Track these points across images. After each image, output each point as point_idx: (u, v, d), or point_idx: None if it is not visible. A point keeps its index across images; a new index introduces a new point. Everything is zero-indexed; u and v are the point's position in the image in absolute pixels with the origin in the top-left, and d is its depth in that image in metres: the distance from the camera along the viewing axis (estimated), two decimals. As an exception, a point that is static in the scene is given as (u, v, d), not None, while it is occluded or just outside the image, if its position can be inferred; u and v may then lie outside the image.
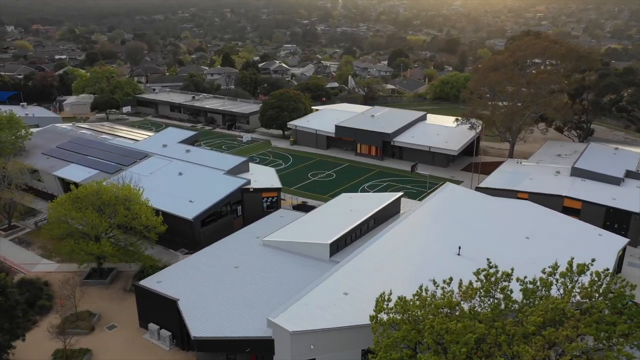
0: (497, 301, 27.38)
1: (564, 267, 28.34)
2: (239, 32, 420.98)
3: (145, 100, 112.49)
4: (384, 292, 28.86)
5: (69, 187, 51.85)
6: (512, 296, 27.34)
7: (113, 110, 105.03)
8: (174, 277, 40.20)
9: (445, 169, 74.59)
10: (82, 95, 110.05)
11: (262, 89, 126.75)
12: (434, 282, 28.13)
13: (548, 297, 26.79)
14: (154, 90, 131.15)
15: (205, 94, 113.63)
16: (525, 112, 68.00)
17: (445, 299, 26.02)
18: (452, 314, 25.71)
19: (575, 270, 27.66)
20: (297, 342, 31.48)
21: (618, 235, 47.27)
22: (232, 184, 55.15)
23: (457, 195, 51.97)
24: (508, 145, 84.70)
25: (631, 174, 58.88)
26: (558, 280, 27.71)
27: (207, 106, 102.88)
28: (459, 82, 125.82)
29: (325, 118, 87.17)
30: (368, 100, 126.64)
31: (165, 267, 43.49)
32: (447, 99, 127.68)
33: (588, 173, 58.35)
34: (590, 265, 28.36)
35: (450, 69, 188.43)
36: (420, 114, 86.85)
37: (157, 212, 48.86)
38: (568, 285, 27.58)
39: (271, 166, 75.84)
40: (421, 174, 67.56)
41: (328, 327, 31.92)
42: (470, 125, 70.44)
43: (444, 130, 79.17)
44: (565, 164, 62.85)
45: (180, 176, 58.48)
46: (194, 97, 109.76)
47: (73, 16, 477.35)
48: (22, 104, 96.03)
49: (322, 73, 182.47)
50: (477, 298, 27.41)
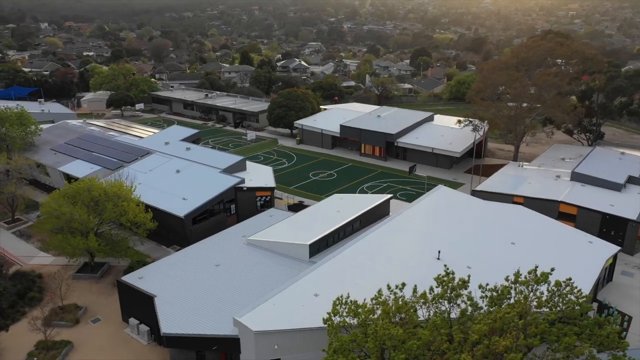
0: (454, 307, 27.26)
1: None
2: (266, 29, 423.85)
3: (160, 98, 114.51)
4: (341, 294, 28.95)
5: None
6: (467, 303, 27.14)
7: (128, 107, 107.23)
8: (156, 274, 41.03)
9: (449, 171, 73.88)
10: (100, 92, 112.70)
11: (277, 88, 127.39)
12: (388, 287, 28.08)
13: (511, 305, 26.51)
14: (171, 87, 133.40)
15: (219, 92, 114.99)
16: (529, 114, 66.77)
17: (393, 304, 25.93)
18: (403, 319, 25.64)
19: (532, 278, 27.22)
20: (261, 341, 31.84)
21: (609, 242, 46.05)
22: (226, 183, 55.85)
23: (447, 199, 51.49)
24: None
25: (634, 180, 57.30)
26: (515, 288, 27.31)
27: (218, 104, 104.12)
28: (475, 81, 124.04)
29: (332, 118, 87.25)
30: (382, 99, 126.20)
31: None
32: (463, 99, 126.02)
33: (588, 178, 57.03)
34: (550, 274, 27.92)
35: (473, 68, 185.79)
36: (428, 114, 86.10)
37: (150, 209, 50.21)
38: (529, 293, 27.20)
39: (274, 165, 76.63)
40: (419, 175, 67.04)
41: (292, 327, 32.18)
42: (474, 127, 69.48)
43: (449, 131, 78.36)
44: (567, 168, 61.55)
45: (177, 174, 59.52)
46: (206, 95, 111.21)
47: (105, 13, 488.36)
48: (40, 100, 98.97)
49: (341, 71, 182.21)
50: (432, 304, 27.30)
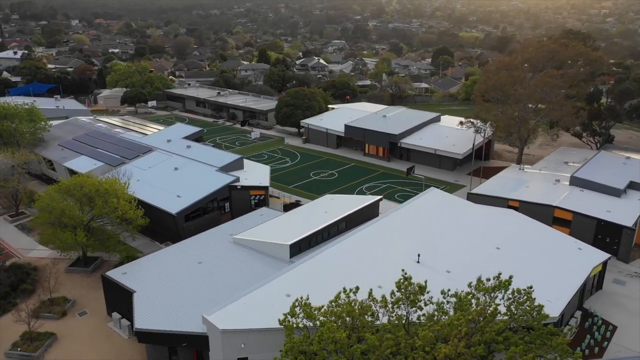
0: (412, 313, 27.20)
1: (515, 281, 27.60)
2: (291, 27, 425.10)
3: (173, 95, 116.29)
4: (301, 296, 29.14)
5: None
6: (435, 309, 27.03)
7: (142, 104, 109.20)
8: (140, 270, 41.89)
9: (451, 173, 73.15)
10: (115, 89, 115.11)
11: (291, 86, 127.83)
12: (344, 290, 28.15)
13: (464, 312, 26.31)
14: (188, 85, 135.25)
15: (231, 90, 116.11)
16: (533, 116, 65.62)
17: (344, 307, 26.02)
18: (354, 324, 25.70)
19: (490, 285, 26.95)
20: (228, 340, 32.28)
21: (600, 250, 45.12)
22: (220, 181, 56.54)
23: (438, 201, 51.07)
24: (526, 149, 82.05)
25: (635, 186, 55.80)
26: (474, 295, 27.08)
27: (229, 102, 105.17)
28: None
29: (339, 117, 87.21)
30: (396, 99, 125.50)
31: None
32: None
33: (587, 183, 55.79)
34: (510, 281, 27.62)
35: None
36: (434, 115, 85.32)
37: (145, 205, 51.42)
38: (487, 300, 26.95)
39: (277, 164, 77.22)
40: (417, 176, 66.58)
41: (259, 327, 32.51)
42: (476, 129, 68.68)
43: (454, 132, 77.46)
44: (569, 172, 60.23)
45: (175, 171, 60.48)
46: (219, 93, 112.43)
47: (135, 11, 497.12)
48: (56, 96, 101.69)
49: (360, 70, 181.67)
50: (391, 309, 27.28)
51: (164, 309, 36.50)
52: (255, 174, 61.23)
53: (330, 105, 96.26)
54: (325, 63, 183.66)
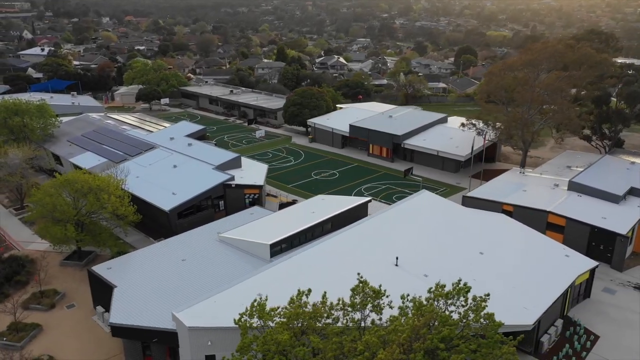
0: (367, 316, 27.24)
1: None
2: (317, 25, 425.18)
3: (188, 93, 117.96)
4: (260, 296, 29.43)
5: None
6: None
7: (156, 101, 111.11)
8: (125, 265, 42.83)
9: (454, 175, 72.38)
10: (132, 85, 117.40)
11: (307, 85, 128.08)
12: (298, 292, 28.31)
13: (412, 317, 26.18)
14: (205, 82, 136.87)
15: (244, 89, 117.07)
16: (537, 119, 64.43)
17: (293, 309, 26.20)
18: (302, 326, 25.86)
19: (445, 292, 26.75)
20: (195, 337, 32.81)
21: (588, 257, 44.12)
22: (214, 180, 57.24)
23: (427, 204, 50.66)
24: (536, 152, 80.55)
25: (636, 192, 54.25)
26: (428, 300, 26.90)
27: (240, 100, 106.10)
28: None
29: (345, 117, 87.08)
30: (410, 99, 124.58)
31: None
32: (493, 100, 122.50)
33: (586, 188, 54.49)
34: (469, 289, 27.34)
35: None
36: (441, 115, 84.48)
37: (140, 202, 52.64)
38: (442, 307, 26.78)
39: (281, 163, 77.71)
40: (415, 178, 66.10)
41: (226, 325, 32.89)
42: (478, 130, 67.76)
43: (459, 134, 76.43)
44: (570, 176, 58.90)
45: (174, 169, 61.48)
46: (231, 91, 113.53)
47: (164, 8, 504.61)
48: (73, 93, 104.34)
49: (380, 69, 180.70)
50: (347, 312, 27.35)
51: (140, 304, 37.28)
52: (252, 172, 61.75)
53: (338, 105, 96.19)
54: (344, 62, 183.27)
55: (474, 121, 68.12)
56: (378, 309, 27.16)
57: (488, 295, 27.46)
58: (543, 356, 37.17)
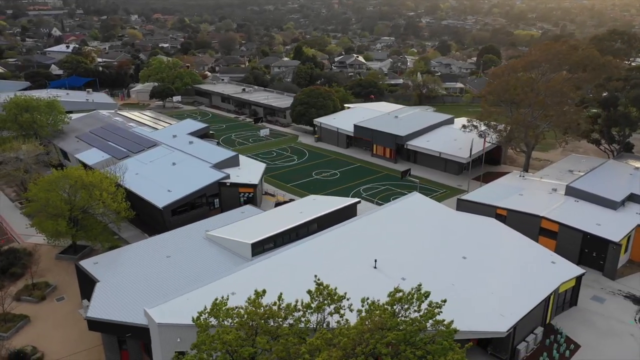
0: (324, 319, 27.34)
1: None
2: (343, 23, 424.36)
3: (201, 91, 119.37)
4: (222, 295, 29.74)
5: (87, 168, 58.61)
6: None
7: (170, 98, 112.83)
8: (110, 260, 43.67)
9: (457, 177, 71.52)
10: (147, 83, 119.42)
11: (321, 83, 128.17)
12: (255, 293, 28.53)
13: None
14: (222, 80, 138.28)
15: (257, 87, 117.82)
16: (540, 121, 63.20)
17: (245, 310, 26.45)
18: (254, 326, 26.09)
19: (399, 297, 26.62)
20: (164, 333, 33.32)
21: (575, 265, 43.21)
22: (209, 178, 57.94)
23: (417, 207, 50.24)
24: (547, 155, 79.01)
25: (636, 198, 52.74)
26: (379, 306, 26.81)
27: (251, 99, 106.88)
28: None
29: (352, 117, 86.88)
30: (424, 99, 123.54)
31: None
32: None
33: (583, 194, 53.23)
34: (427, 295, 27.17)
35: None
36: (448, 116, 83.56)
37: (137, 198, 53.80)
38: (394, 310, 26.67)
39: (284, 161, 78.09)
40: (412, 180, 65.61)
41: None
42: (480, 132, 66.84)
43: (464, 136, 75.40)
44: (569, 181, 57.71)
45: (172, 166, 62.39)
46: (244, 90, 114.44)
47: (192, 6, 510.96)
48: (88, 90, 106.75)
49: (398, 68, 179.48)
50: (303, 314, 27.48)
51: (119, 299, 38.04)
52: (249, 171, 62.26)
53: (346, 105, 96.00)
54: (363, 60, 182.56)
55: (475, 122, 67.16)
56: (339, 311, 27.17)
57: (444, 301, 27.20)
58: (519, 364, 36.61)
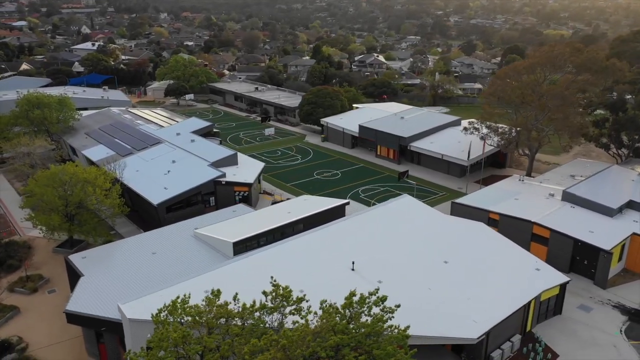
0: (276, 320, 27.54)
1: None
2: (369, 22, 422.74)
3: (215, 89, 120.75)
4: (185, 293, 30.19)
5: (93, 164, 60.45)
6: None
7: (184, 96, 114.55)
8: (98, 255, 44.72)
9: (459, 180, 70.62)
10: (164, 81, 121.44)
11: (335, 83, 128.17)
12: (212, 292, 28.87)
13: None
14: (239, 79, 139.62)
15: (270, 86, 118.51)
16: (542, 125, 61.99)
17: (196, 309, 26.81)
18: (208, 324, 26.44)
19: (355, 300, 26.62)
20: (135, 328, 34.02)
21: (560, 273, 42.16)
22: (205, 176, 58.65)
23: (405, 209, 49.87)
24: (557, 158, 77.48)
25: (635, 206, 51.23)
26: (332, 308, 26.80)
27: (262, 98, 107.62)
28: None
29: (359, 117, 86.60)
30: (438, 99, 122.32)
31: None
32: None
33: (580, 199, 52.00)
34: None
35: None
36: (454, 118, 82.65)
37: (135, 195, 54.99)
38: (344, 313, 26.66)
39: (288, 160, 78.47)
40: (409, 181, 65.10)
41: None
42: (481, 135, 65.90)
43: (469, 138, 74.47)
44: (568, 186, 56.45)
45: (172, 164, 63.29)
46: (256, 88, 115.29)
47: (220, 5, 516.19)
48: (104, 87, 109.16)
49: (418, 68, 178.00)
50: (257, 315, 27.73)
51: (99, 294, 38.94)
52: (246, 170, 62.78)
53: (355, 105, 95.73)
54: (382, 60, 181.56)
55: (476, 125, 66.21)
56: (300, 313, 27.25)
57: (398, 306, 27.10)
58: (492, 372, 36.10)
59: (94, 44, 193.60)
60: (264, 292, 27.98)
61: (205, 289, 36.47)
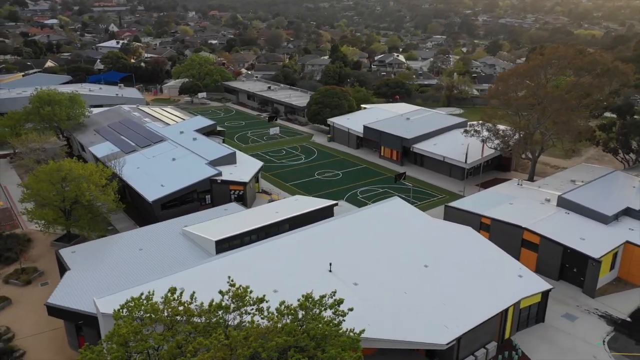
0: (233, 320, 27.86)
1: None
2: (396, 21, 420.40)
3: (229, 88, 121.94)
4: (149, 290, 30.75)
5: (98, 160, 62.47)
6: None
7: (198, 94, 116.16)
8: (87, 250, 45.81)
9: (460, 182, 69.69)
10: (179, 79, 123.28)
11: (350, 82, 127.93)
12: (170, 290, 29.32)
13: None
14: (255, 78, 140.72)
15: (283, 85, 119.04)
16: (543, 128, 60.80)
17: (151, 306, 27.29)
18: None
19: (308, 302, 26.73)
20: (109, 323, 34.75)
21: (543, 280, 41.42)
22: (201, 174, 59.43)
23: (393, 211, 49.56)
24: (568, 162, 75.95)
25: (633, 213, 49.79)
26: (288, 309, 26.95)
27: (273, 97, 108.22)
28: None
29: (365, 117, 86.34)
30: (453, 100, 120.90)
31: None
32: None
33: (575, 205, 50.82)
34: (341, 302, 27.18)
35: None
36: (461, 120, 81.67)
37: (133, 191, 56.22)
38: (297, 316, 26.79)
39: (291, 160, 78.81)
40: (406, 183, 64.65)
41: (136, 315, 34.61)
42: (482, 138, 64.99)
43: (473, 140, 73.49)
44: (565, 191, 55.24)
45: (172, 161, 64.36)
46: (269, 88, 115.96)
47: (248, 3, 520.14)
48: (120, 85, 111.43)
49: (438, 68, 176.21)
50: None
51: (81, 288, 39.93)
52: (243, 169, 63.34)
53: (363, 105, 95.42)
54: (402, 60, 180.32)
55: (477, 127, 65.30)
56: (262, 313, 27.48)
57: (351, 309, 27.05)
58: (463, 378, 35.70)
59: (118, 42, 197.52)
60: (221, 292, 28.32)
61: (182, 286, 37.26)
